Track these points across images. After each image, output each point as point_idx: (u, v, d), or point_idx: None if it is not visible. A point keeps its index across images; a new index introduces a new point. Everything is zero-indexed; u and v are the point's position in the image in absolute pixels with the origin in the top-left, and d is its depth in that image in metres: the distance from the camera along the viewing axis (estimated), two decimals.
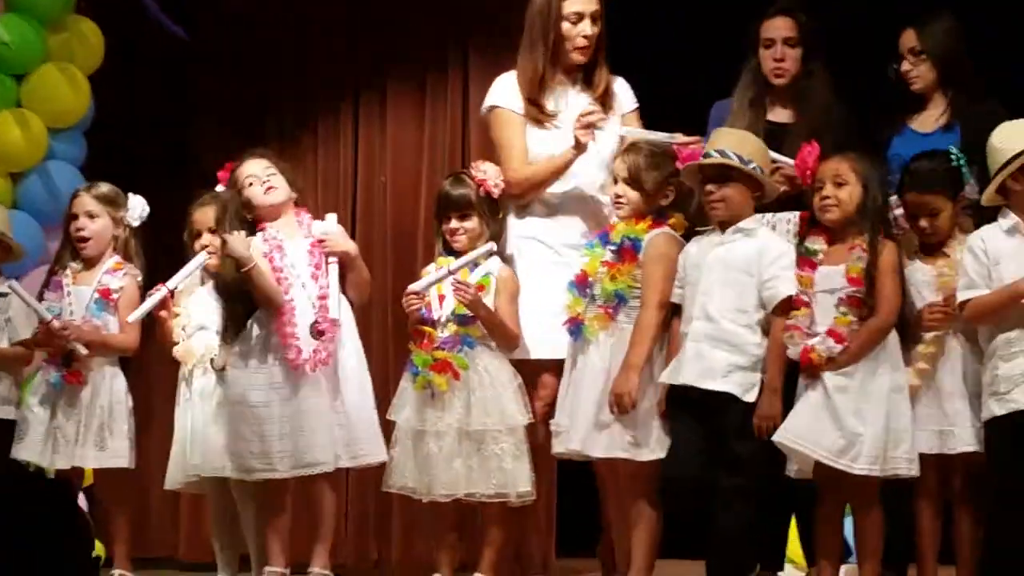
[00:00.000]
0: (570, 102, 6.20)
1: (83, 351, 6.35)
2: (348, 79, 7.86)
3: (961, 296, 5.52)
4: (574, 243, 6.06)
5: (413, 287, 6.02)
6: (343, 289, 6.15)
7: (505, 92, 6.26)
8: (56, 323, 6.32)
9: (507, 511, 6.00)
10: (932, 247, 5.70)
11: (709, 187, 5.66)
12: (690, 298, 5.66)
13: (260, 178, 6.17)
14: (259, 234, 6.15)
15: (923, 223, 5.66)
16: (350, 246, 6.19)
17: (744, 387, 5.55)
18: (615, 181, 5.87)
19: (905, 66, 6.22)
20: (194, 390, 6.34)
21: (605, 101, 6.21)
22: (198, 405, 6.31)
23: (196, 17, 7.73)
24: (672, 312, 5.73)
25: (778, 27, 6.22)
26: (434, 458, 5.92)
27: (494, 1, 7.52)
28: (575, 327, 5.80)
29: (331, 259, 6.11)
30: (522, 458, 5.90)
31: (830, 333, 5.46)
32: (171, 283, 6.32)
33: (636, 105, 6.34)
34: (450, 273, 5.96)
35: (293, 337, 6.01)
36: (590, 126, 5.97)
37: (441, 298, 6.03)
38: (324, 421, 6.02)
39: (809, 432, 5.45)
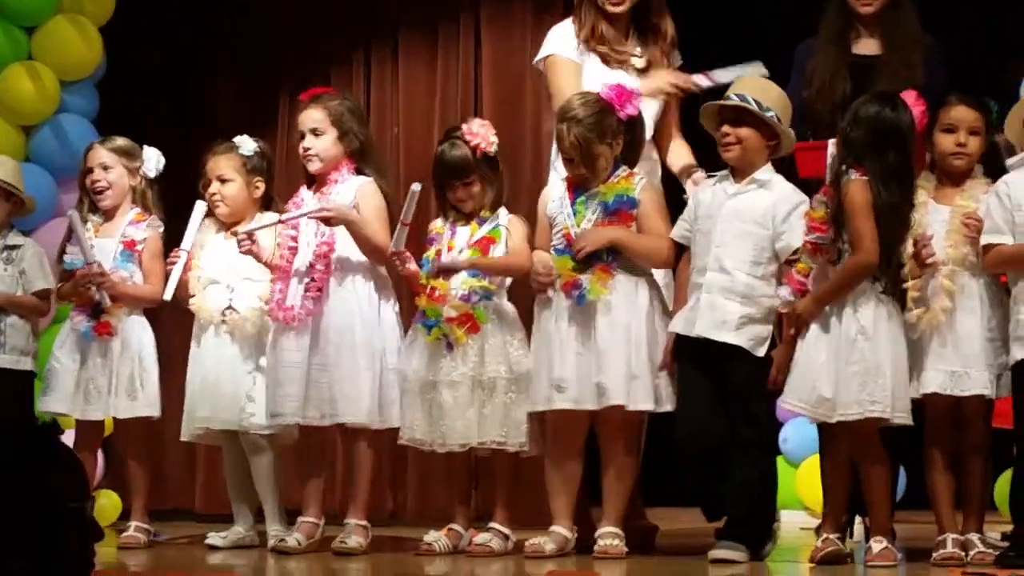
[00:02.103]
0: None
1: (108, 302, 6.35)
2: (360, 30, 7.83)
3: (984, 240, 5.46)
4: None
5: (391, 248, 5.98)
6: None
7: (560, 41, 6.16)
8: (96, 267, 6.31)
9: (517, 462, 6.00)
10: (951, 176, 5.61)
11: (724, 128, 5.64)
12: (703, 247, 5.64)
13: (303, 143, 6.14)
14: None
15: (962, 138, 5.56)
16: (348, 217, 6.06)
17: (756, 341, 5.55)
18: (569, 161, 5.78)
19: None
20: (204, 344, 6.34)
21: (663, 50, 6.16)
22: (207, 359, 6.32)
23: None
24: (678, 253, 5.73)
25: None
26: (448, 407, 5.91)
27: None
28: (578, 292, 5.72)
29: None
30: (523, 408, 5.88)
31: (789, 280, 5.47)
32: (185, 244, 6.32)
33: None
34: (403, 224, 5.91)
35: (278, 292, 6.06)
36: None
37: (448, 250, 6.01)
38: (293, 375, 6.01)
39: (800, 390, 5.45)
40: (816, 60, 6.05)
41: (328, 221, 6.03)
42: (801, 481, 7.14)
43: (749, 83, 5.71)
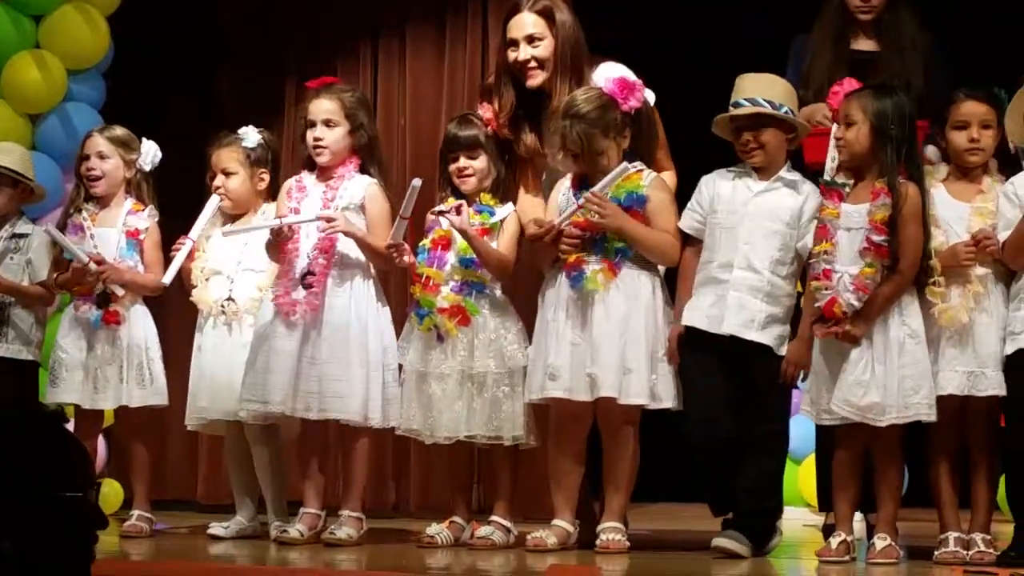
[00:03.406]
0: None
1: (120, 291, 6.37)
2: (367, 20, 7.83)
3: (1002, 237, 5.47)
4: None
5: (388, 241, 5.95)
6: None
7: None
8: (93, 264, 6.32)
9: (518, 454, 6.00)
10: (967, 172, 5.60)
11: (746, 136, 5.62)
12: (726, 243, 5.62)
13: (314, 133, 6.11)
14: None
15: (974, 133, 5.54)
16: (353, 231, 6.02)
17: (779, 340, 5.60)
18: (573, 158, 5.73)
19: None
20: (205, 334, 6.35)
21: None
22: (208, 350, 6.33)
23: None
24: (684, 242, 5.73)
25: None
26: (437, 399, 5.91)
27: None
28: (577, 273, 5.70)
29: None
30: (518, 401, 5.88)
31: (856, 286, 5.42)
32: (193, 234, 6.33)
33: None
34: (402, 219, 5.90)
35: (280, 282, 6.05)
36: None
37: (445, 242, 6.00)
38: (283, 365, 6.00)
39: (833, 399, 5.44)
40: (813, 60, 6.05)
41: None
42: (804, 478, 7.15)
43: (754, 83, 5.68)
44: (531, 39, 5.93)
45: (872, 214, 5.44)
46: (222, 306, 6.31)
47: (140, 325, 6.47)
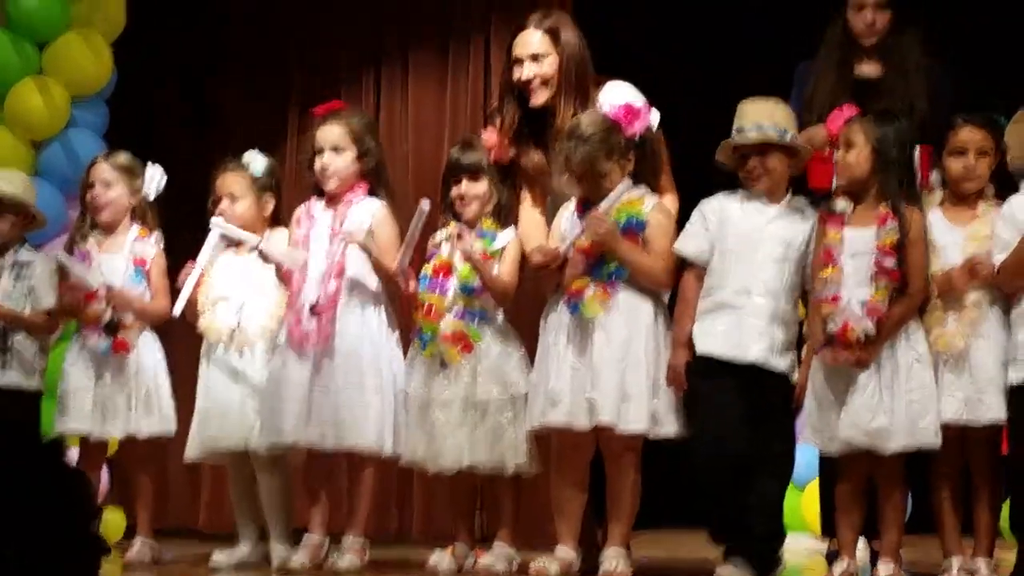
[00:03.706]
0: None
1: (128, 319, 6.37)
2: (370, 46, 7.85)
3: (997, 259, 5.46)
4: None
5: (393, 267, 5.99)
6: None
7: None
8: (103, 291, 6.32)
9: (520, 481, 5.99)
10: (963, 198, 5.61)
11: (752, 162, 5.60)
12: (742, 269, 5.56)
13: (322, 160, 6.10)
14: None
15: (971, 160, 5.56)
16: (369, 247, 6.05)
17: (792, 365, 5.60)
18: (577, 179, 5.71)
19: None
20: (212, 362, 6.33)
21: None
22: (216, 378, 6.30)
23: None
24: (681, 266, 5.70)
25: None
26: (440, 427, 5.90)
27: None
28: (576, 302, 5.67)
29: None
30: (521, 428, 5.86)
31: (870, 311, 5.41)
32: (200, 261, 6.30)
33: None
34: (409, 246, 5.92)
35: (290, 312, 6.05)
36: None
37: (447, 268, 6.00)
38: (296, 394, 5.98)
39: (840, 424, 5.44)
40: (816, 85, 6.06)
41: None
42: (807, 504, 7.14)
43: (756, 110, 5.68)
44: (536, 57, 5.94)
45: (881, 239, 5.43)
46: (231, 333, 6.30)
47: (149, 353, 6.48)
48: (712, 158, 5.70)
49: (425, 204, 5.90)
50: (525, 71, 5.94)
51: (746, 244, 5.59)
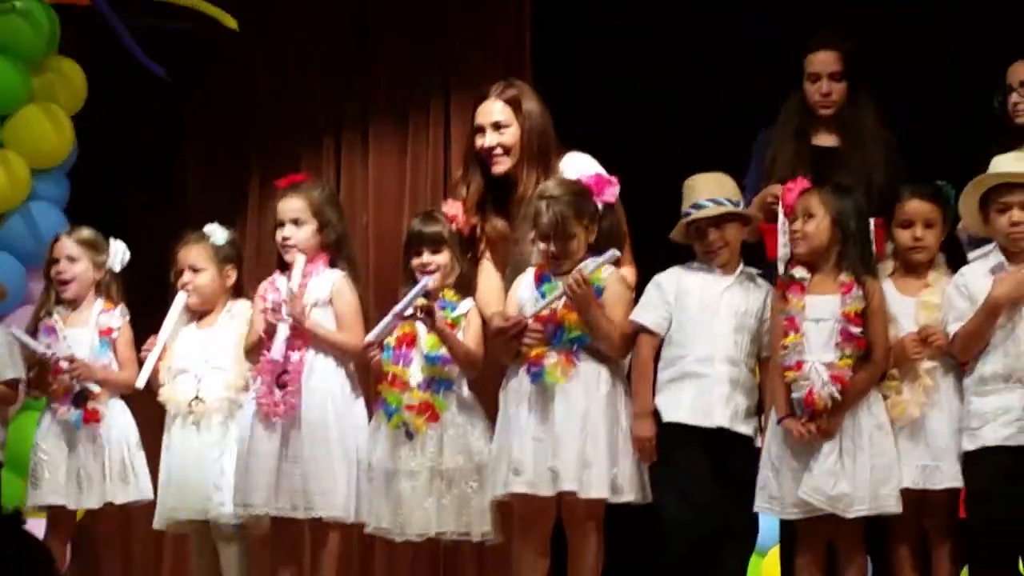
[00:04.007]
0: None
1: (96, 389, 6.37)
2: (330, 116, 7.88)
3: (951, 329, 5.54)
4: None
5: (369, 338, 5.99)
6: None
7: None
8: (64, 362, 6.33)
9: (484, 549, 6.00)
10: (913, 268, 5.69)
11: (712, 235, 5.70)
12: (704, 337, 5.66)
13: (283, 232, 6.12)
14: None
15: (918, 232, 5.64)
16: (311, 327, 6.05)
17: (755, 430, 5.69)
18: (544, 239, 5.76)
19: (1015, 98, 6.19)
20: (172, 433, 6.34)
21: None
22: (176, 449, 6.32)
23: (177, 57, 7.72)
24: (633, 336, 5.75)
25: (823, 61, 6.25)
26: (407, 497, 5.91)
27: (475, 39, 7.57)
28: (538, 369, 5.71)
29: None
30: (487, 496, 5.88)
31: (835, 378, 5.47)
32: (163, 334, 6.34)
33: None
34: (397, 317, 5.93)
35: (262, 383, 6.03)
36: None
37: (410, 339, 6.01)
38: (264, 465, 5.99)
39: (800, 489, 5.49)
40: (775, 156, 6.15)
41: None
42: (768, 570, 7.15)
43: (706, 184, 5.76)
44: (497, 126, 6.00)
45: (846, 307, 5.52)
46: (190, 404, 6.30)
47: (119, 420, 6.48)
48: (667, 229, 5.78)
49: (426, 279, 5.94)
50: (487, 139, 6.00)
51: (705, 313, 5.67)
